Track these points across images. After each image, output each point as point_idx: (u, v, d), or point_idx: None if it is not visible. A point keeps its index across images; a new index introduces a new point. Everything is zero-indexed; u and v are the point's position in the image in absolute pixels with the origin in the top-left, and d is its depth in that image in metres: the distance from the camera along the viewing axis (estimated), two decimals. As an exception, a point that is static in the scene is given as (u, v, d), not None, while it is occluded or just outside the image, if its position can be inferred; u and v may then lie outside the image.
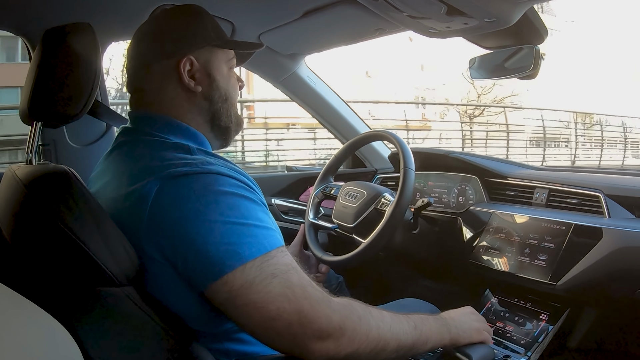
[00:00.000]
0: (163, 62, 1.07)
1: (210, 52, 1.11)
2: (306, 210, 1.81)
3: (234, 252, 0.87)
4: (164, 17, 1.12)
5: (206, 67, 1.10)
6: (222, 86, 1.13)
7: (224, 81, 1.14)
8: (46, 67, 1.03)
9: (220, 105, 1.13)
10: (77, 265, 0.86)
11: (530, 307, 1.47)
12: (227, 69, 1.15)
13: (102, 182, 1.03)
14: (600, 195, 1.45)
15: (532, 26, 1.40)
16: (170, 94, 1.08)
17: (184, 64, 1.07)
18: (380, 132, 1.74)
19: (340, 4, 1.51)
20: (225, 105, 1.14)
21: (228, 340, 1.02)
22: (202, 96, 1.10)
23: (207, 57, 1.11)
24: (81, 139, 1.81)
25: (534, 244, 1.46)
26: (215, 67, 1.12)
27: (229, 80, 1.15)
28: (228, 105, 1.15)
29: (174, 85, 1.08)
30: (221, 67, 1.13)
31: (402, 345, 0.98)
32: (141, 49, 1.11)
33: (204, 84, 1.10)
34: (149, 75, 1.09)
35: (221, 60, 1.14)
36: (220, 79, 1.13)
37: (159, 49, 1.08)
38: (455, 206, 1.83)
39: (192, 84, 1.08)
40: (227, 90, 1.14)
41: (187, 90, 1.08)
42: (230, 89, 1.15)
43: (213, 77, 1.11)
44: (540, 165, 1.88)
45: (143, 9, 1.07)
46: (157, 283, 0.93)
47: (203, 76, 1.10)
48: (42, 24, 1.21)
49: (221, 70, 1.13)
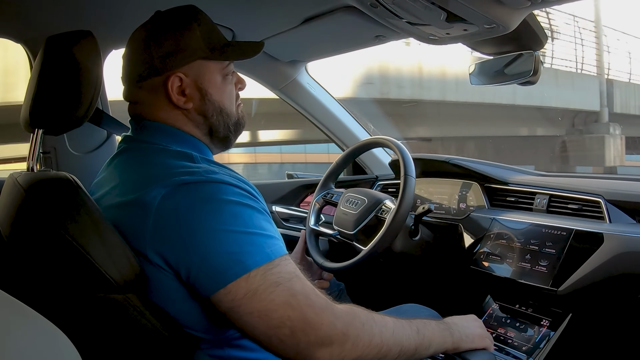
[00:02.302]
0: (152, 79, 1.05)
1: (201, 64, 1.07)
2: (307, 217, 1.81)
3: (237, 261, 0.87)
4: (154, 29, 1.06)
5: (197, 81, 1.07)
6: (216, 99, 1.09)
7: (218, 93, 1.10)
8: (47, 75, 1.04)
9: (216, 118, 1.10)
10: (78, 271, 0.86)
11: (532, 313, 1.47)
12: (221, 78, 1.11)
13: (105, 189, 1.03)
14: (600, 200, 1.45)
15: (532, 32, 1.40)
16: (164, 108, 1.06)
17: (172, 82, 1.04)
18: (381, 139, 1.74)
19: (340, 11, 1.51)
20: (221, 118, 1.11)
21: (229, 347, 1.02)
22: (195, 111, 1.08)
23: (198, 71, 1.07)
24: (82, 146, 1.81)
25: (535, 250, 1.46)
26: (207, 79, 1.08)
27: (223, 92, 1.11)
28: (224, 117, 1.11)
29: (164, 102, 1.06)
30: (214, 79, 1.09)
31: (405, 350, 0.98)
32: (132, 61, 1.07)
33: (195, 100, 1.07)
34: (141, 90, 1.07)
35: (214, 71, 1.09)
36: (214, 92, 1.09)
37: (148, 65, 1.04)
38: (456, 212, 1.83)
39: (182, 102, 1.05)
40: (221, 102, 1.10)
41: (178, 107, 1.06)
42: (225, 99, 1.12)
43: (205, 91, 1.08)
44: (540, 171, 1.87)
45: (144, 17, 1.07)
46: (159, 290, 0.92)
47: (194, 91, 1.07)
48: (44, 32, 1.21)
49: (214, 81, 1.09)
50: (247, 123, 1.20)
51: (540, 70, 1.44)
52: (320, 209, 1.84)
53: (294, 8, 1.54)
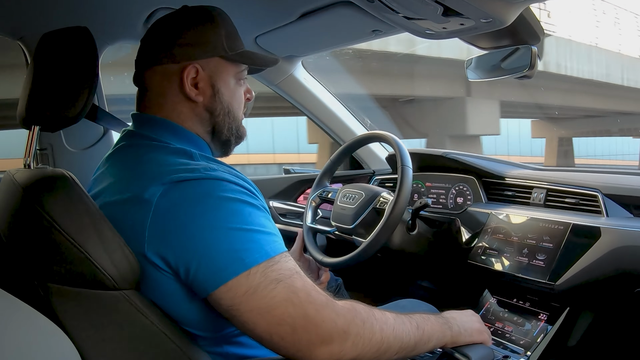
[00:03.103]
0: (168, 65, 1.05)
1: (219, 63, 1.09)
2: (304, 215, 1.81)
3: (237, 259, 0.87)
4: (182, 17, 1.09)
5: (212, 77, 1.08)
6: (226, 100, 1.10)
7: (229, 94, 1.11)
8: (43, 71, 1.03)
9: (222, 118, 1.11)
10: (75, 269, 0.86)
11: (529, 307, 1.47)
12: (234, 82, 1.12)
13: (103, 185, 1.02)
14: (598, 194, 1.45)
15: (529, 26, 1.40)
16: (172, 98, 1.06)
17: (188, 71, 1.05)
18: (377, 134, 1.74)
19: (336, 6, 1.51)
20: (227, 119, 1.12)
21: (228, 344, 1.02)
22: (203, 107, 1.08)
23: (214, 68, 1.08)
24: (78, 143, 1.81)
25: (532, 244, 1.46)
26: (222, 79, 1.09)
27: (234, 94, 1.13)
28: (230, 119, 1.12)
29: (175, 91, 1.06)
30: (228, 80, 1.11)
31: (405, 345, 0.98)
32: (152, 45, 1.08)
33: (206, 95, 1.08)
34: (153, 74, 1.07)
35: (229, 73, 1.11)
36: (225, 92, 1.10)
37: (167, 51, 1.05)
38: (453, 207, 1.83)
39: (194, 94, 1.06)
40: (230, 104, 1.11)
41: (188, 99, 1.06)
42: (234, 102, 1.13)
43: (217, 89, 1.09)
44: (537, 165, 1.88)
45: (139, 13, 1.07)
46: (157, 288, 0.92)
47: (206, 86, 1.08)
48: (39, 29, 1.21)
49: (227, 82, 1.11)
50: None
51: (537, 65, 1.44)
52: (316, 206, 1.84)
53: (291, 3, 1.54)
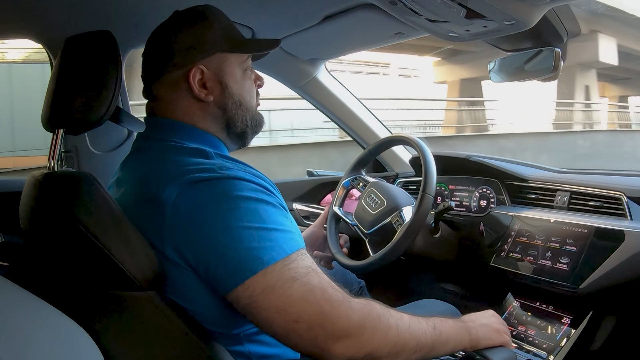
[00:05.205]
0: (173, 73, 1.07)
1: (222, 58, 1.09)
2: (332, 198, 1.80)
3: (254, 257, 0.87)
4: (173, 25, 1.09)
5: (218, 74, 1.09)
6: (236, 92, 1.11)
7: (238, 87, 1.12)
8: (68, 75, 1.05)
9: (235, 112, 1.11)
10: (99, 268, 0.88)
11: (552, 310, 1.46)
12: (241, 73, 1.13)
13: (121, 188, 1.04)
14: (622, 197, 1.43)
15: (552, 28, 1.39)
16: (184, 103, 1.08)
17: (193, 74, 1.06)
18: (405, 137, 1.72)
19: (359, 9, 1.51)
20: (240, 111, 1.12)
21: (248, 342, 1.03)
22: (215, 105, 1.09)
23: (218, 64, 1.09)
24: (103, 145, 1.84)
25: (556, 247, 1.45)
26: (228, 73, 1.10)
27: (243, 85, 1.13)
28: (243, 111, 1.13)
29: (186, 95, 1.07)
30: (234, 72, 1.11)
31: (422, 345, 0.97)
32: (153, 58, 1.10)
33: (216, 93, 1.09)
34: (161, 85, 1.09)
35: (234, 65, 1.11)
36: (234, 85, 1.11)
37: (169, 60, 1.07)
38: (477, 210, 1.82)
39: (204, 95, 1.07)
40: (240, 96, 1.12)
41: (199, 100, 1.08)
42: (245, 93, 1.13)
43: (225, 84, 1.09)
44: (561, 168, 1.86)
45: (162, 16, 1.08)
46: (178, 287, 0.94)
47: (215, 84, 1.08)
48: (64, 32, 1.23)
49: (234, 75, 1.11)
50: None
51: (560, 67, 1.43)
52: (346, 193, 1.82)
53: (314, 6, 1.55)
